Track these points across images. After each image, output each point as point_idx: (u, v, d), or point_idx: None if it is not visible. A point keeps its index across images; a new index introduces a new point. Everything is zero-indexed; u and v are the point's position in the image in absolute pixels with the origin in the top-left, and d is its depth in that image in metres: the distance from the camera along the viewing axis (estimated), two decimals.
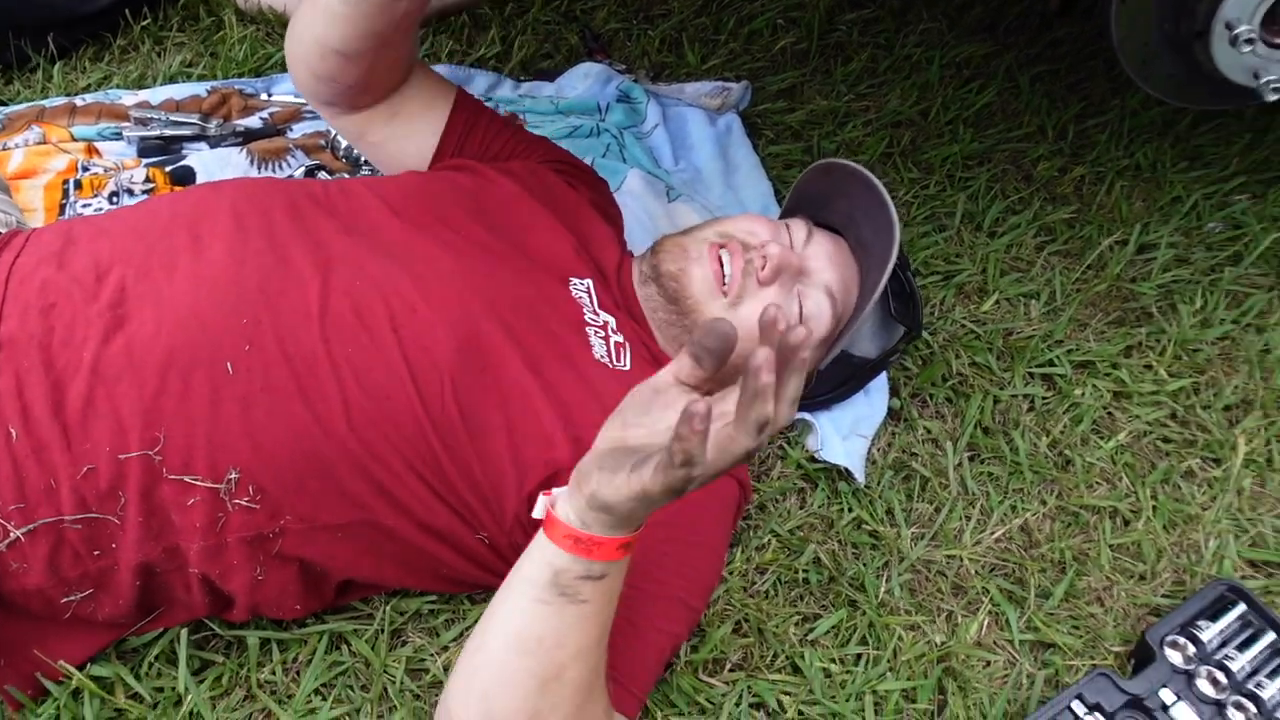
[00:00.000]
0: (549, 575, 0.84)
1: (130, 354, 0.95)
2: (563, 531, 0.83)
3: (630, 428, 0.80)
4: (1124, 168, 1.82)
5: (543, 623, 0.85)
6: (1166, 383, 1.49)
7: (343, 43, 1.14)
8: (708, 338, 0.76)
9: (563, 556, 0.83)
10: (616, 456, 0.79)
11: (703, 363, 0.78)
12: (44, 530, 0.93)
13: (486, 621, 0.89)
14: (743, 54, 1.91)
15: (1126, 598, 1.25)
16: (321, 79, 1.20)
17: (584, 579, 0.84)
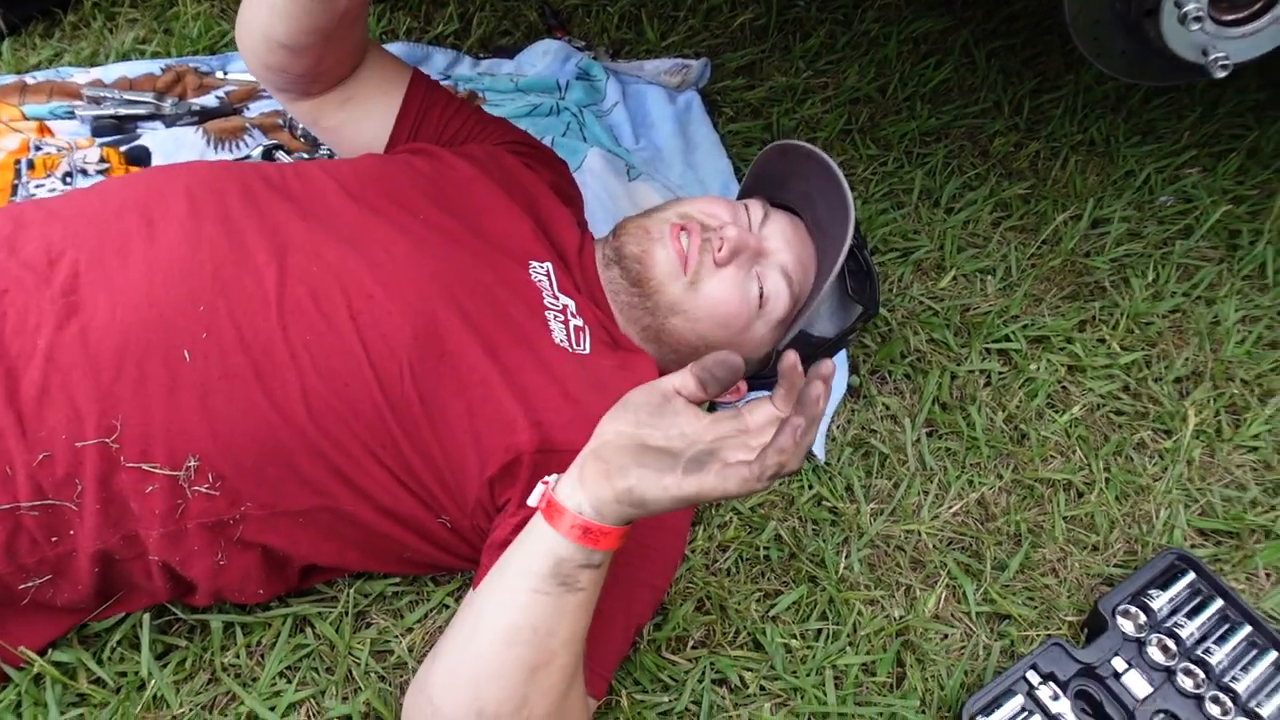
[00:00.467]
0: (550, 565, 0.85)
1: (85, 341, 0.94)
2: (571, 521, 0.83)
3: (644, 428, 0.83)
4: (1078, 143, 1.85)
5: (538, 612, 0.86)
6: (1119, 356, 1.52)
7: (288, 37, 1.14)
8: (719, 369, 0.81)
9: (568, 546, 0.84)
10: (653, 455, 0.81)
11: (708, 388, 0.83)
12: (1, 517, 0.93)
13: (476, 611, 0.90)
14: (702, 30, 1.91)
15: (1080, 568, 1.28)
16: (271, 69, 1.20)
17: (584, 567, 0.85)
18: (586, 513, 0.83)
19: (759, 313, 1.21)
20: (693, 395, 0.84)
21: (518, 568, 0.87)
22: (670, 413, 0.84)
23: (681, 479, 0.79)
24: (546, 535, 0.85)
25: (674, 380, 0.85)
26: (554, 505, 0.85)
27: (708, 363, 0.83)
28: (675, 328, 1.20)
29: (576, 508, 0.84)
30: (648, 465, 0.81)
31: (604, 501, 0.83)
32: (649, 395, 0.85)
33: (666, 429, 0.83)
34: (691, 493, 0.79)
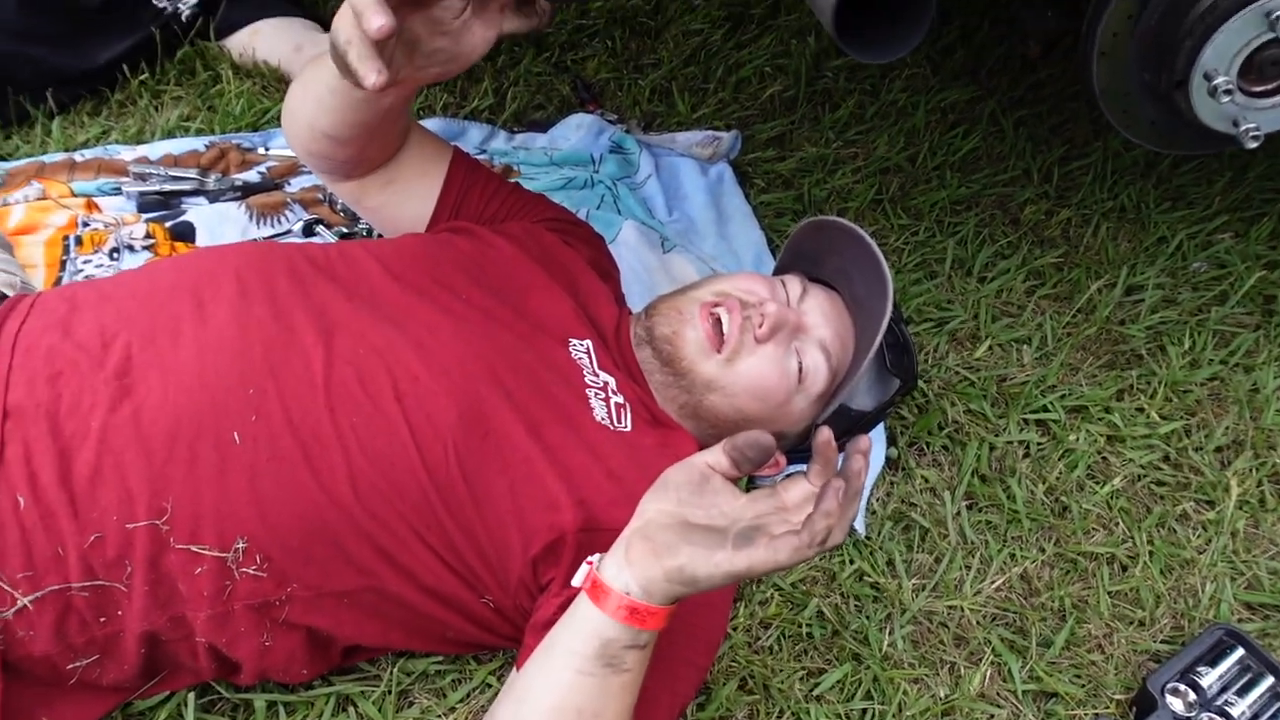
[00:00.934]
0: (596, 646, 0.85)
1: (137, 423, 0.95)
2: (618, 602, 0.84)
3: (686, 506, 0.84)
4: (1109, 209, 1.85)
5: (584, 694, 0.87)
6: (1158, 425, 1.51)
7: (332, 129, 1.16)
8: (751, 449, 0.84)
9: (614, 627, 0.85)
10: (701, 534, 0.82)
11: (740, 467, 0.85)
12: (51, 597, 0.94)
13: (520, 692, 0.90)
14: (732, 103, 1.94)
15: (1127, 644, 1.26)
16: (315, 155, 1.23)
17: (630, 648, 0.86)
18: (634, 592, 0.84)
19: (798, 388, 1.22)
20: (727, 473, 0.86)
21: (563, 648, 0.87)
22: (710, 491, 0.85)
23: (733, 554, 0.80)
24: (592, 616, 0.86)
25: (708, 457, 0.87)
26: (599, 585, 0.85)
27: (739, 442, 0.85)
28: (713, 404, 1.21)
29: (624, 588, 0.84)
30: (697, 543, 0.82)
31: (653, 581, 0.83)
32: (687, 474, 0.86)
33: (708, 507, 0.85)
34: (743, 567, 0.80)
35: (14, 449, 0.94)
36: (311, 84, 1.14)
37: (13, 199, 1.52)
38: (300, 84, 1.18)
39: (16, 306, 1.07)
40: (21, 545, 0.92)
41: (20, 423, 0.95)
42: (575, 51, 1.98)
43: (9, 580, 0.92)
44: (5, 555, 0.92)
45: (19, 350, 1.00)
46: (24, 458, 0.94)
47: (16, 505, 0.93)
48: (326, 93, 1.12)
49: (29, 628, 0.94)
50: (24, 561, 0.92)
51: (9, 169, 1.57)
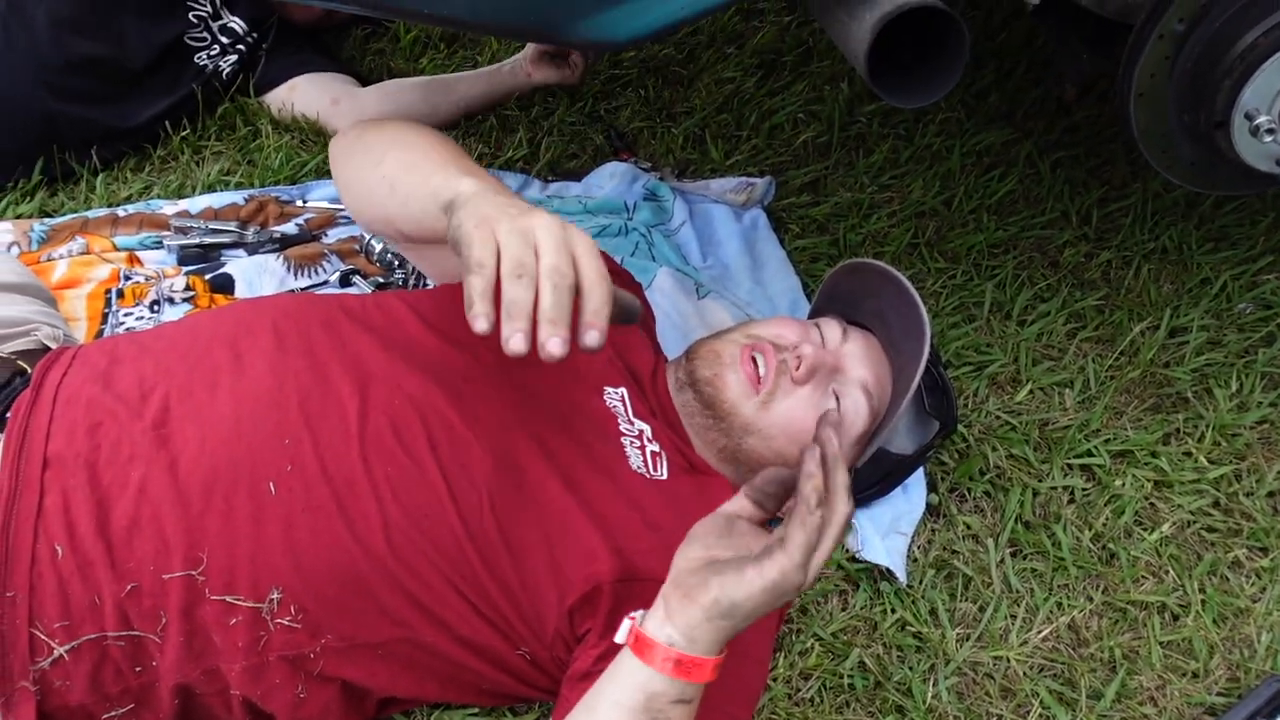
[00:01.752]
0: (641, 700, 0.84)
1: (175, 474, 0.96)
2: (663, 655, 0.83)
3: (713, 550, 0.85)
4: (1150, 251, 1.83)
5: None
6: (1207, 470, 1.48)
7: (409, 229, 1.09)
8: (769, 485, 0.85)
9: (660, 680, 0.84)
10: (726, 564, 0.83)
11: (764, 506, 0.86)
12: (87, 646, 0.94)
13: None
14: (765, 149, 1.94)
15: (1180, 697, 1.22)
16: (377, 233, 1.24)
17: (676, 703, 0.85)
18: (679, 644, 0.83)
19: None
20: (753, 517, 0.87)
21: (609, 701, 0.86)
22: (736, 534, 0.86)
23: (762, 566, 0.81)
24: (637, 670, 0.85)
25: (731, 506, 0.87)
26: (643, 640, 0.85)
27: (756, 483, 0.86)
28: (752, 448, 1.19)
29: (668, 640, 0.84)
30: (724, 571, 0.82)
31: (694, 625, 0.83)
32: (713, 522, 0.87)
33: (736, 548, 0.85)
34: (775, 574, 0.80)
35: (53, 499, 0.95)
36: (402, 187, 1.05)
37: (57, 254, 1.55)
38: (385, 182, 1.07)
39: (59, 358, 1.08)
40: (59, 595, 0.93)
41: (59, 472, 0.96)
42: (608, 101, 2.00)
43: (46, 630, 0.92)
44: (42, 605, 0.92)
45: (60, 401, 1.02)
46: (63, 507, 0.95)
47: (54, 555, 0.93)
48: (420, 213, 1.02)
49: (65, 677, 0.94)
50: (61, 611, 0.93)
51: (54, 225, 1.60)
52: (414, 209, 1.02)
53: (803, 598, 1.26)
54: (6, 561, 0.93)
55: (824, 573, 1.29)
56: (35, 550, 0.93)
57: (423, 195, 0.99)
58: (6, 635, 0.92)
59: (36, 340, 1.20)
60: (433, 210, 0.97)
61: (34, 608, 0.93)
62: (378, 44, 2.06)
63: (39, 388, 1.03)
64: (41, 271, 1.50)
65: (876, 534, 1.32)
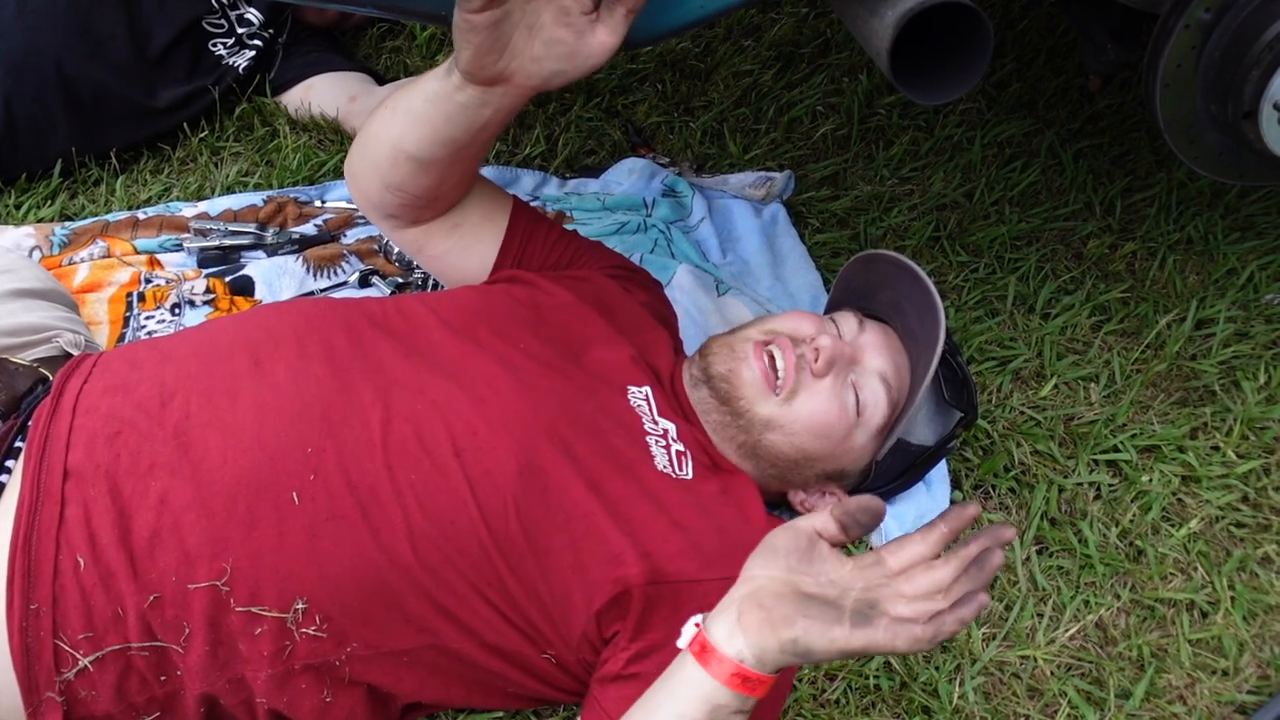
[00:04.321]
0: (706, 711, 0.84)
1: (197, 483, 0.96)
2: (730, 669, 0.82)
3: (796, 574, 0.84)
4: (1175, 242, 1.81)
5: None
6: (1236, 464, 1.46)
7: (419, 146, 1.12)
8: (862, 514, 0.83)
9: (725, 693, 0.83)
10: (818, 607, 0.81)
11: (849, 532, 0.84)
12: (112, 657, 0.94)
13: None
14: (784, 143, 1.93)
15: (1210, 695, 1.21)
16: (390, 188, 1.18)
17: (738, 714, 0.84)
18: (748, 661, 0.82)
19: (858, 421, 1.20)
20: (834, 539, 0.85)
21: (670, 711, 0.85)
22: (818, 558, 0.85)
23: (850, 632, 0.80)
24: (702, 681, 0.84)
25: (815, 522, 0.86)
26: (710, 650, 0.83)
27: (850, 507, 0.84)
28: (773, 443, 1.19)
29: (737, 655, 0.82)
30: (814, 616, 0.81)
31: (767, 651, 0.82)
32: (795, 539, 0.85)
33: (817, 574, 0.84)
34: (859, 647, 0.80)
35: (74, 510, 0.95)
36: (404, 99, 1.11)
37: (79, 257, 1.55)
38: (385, 108, 1.15)
39: (80, 366, 1.08)
40: (82, 606, 0.93)
41: (80, 484, 0.96)
42: (626, 96, 1.99)
43: (70, 642, 0.93)
44: (66, 616, 0.93)
45: (80, 410, 1.02)
46: (84, 519, 0.95)
47: (77, 566, 0.93)
48: (423, 102, 1.08)
49: (90, 688, 0.95)
50: (84, 623, 0.93)
51: (75, 228, 1.61)
52: (408, 103, 1.11)
53: None
54: (29, 574, 0.93)
55: None
56: (58, 562, 0.93)
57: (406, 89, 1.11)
58: (32, 647, 0.93)
59: (58, 347, 1.21)
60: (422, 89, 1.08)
61: (58, 619, 0.93)
62: (394, 42, 2.06)
63: (59, 396, 1.03)
64: (63, 275, 1.50)
65: (900, 531, 1.31)
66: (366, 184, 1.22)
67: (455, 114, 1.07)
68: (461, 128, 1.09)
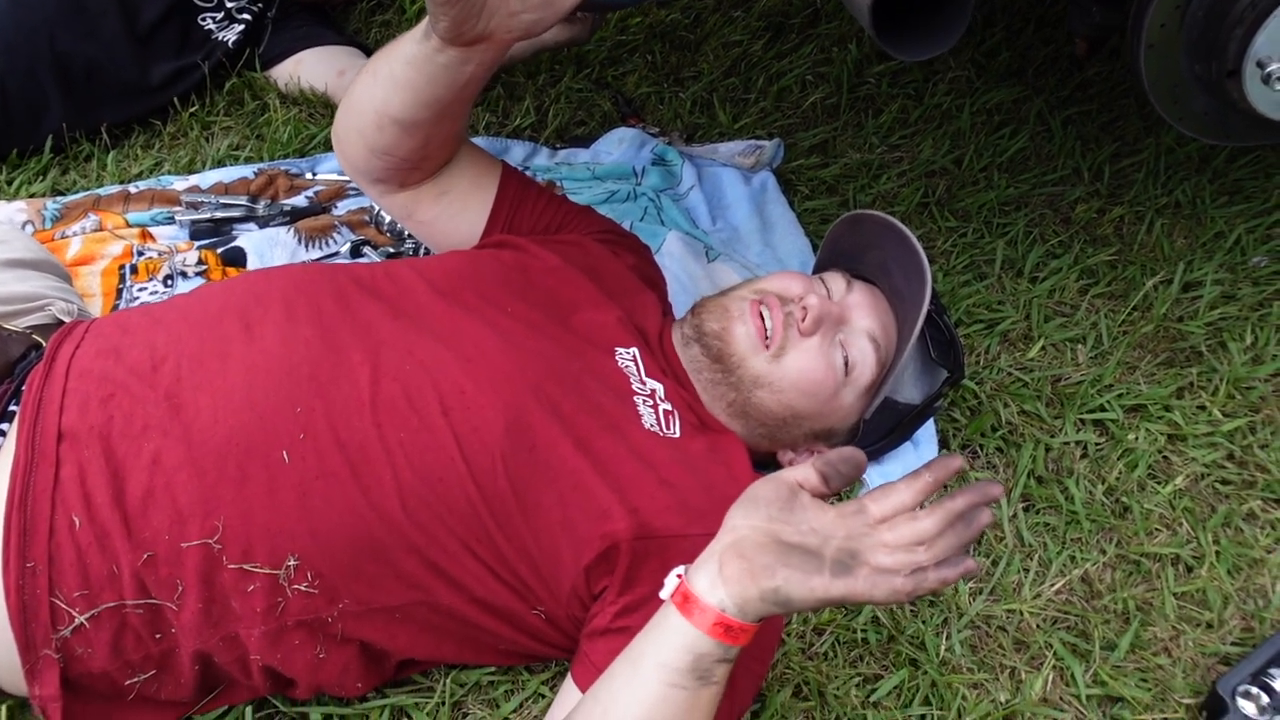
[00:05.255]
0: (689, 660, 0.85)
1: (188, 444, 0.97)
2: (713, 619, 0.83)
3: (777, 524, 0.84)
4: (1163, 206, 1.82)
5: (674, 706, 0.86)
6: (1221, 423, 1.47)
7: (404, 110, 1.13)
8: (844, 465, 0.84)
9: (707, 642, 0.84)
10: (798, 556, 0.82)
11: (830, 483, 0.84)
12: (107, 615, 0.95)
13: (606, 702, 0.89)
14: (774, 111, 1.93)
15: (1194, 647, 1.23)
16: (376, 152, 1.20)
17: (721, 662, 0.85)
18: (730, 610, 0.83)
19: (846, 380, 1.21)
20: (815, 490, 0.86)
21: (653, 660, 0.86)
22: (799, 507, 0.85)
23: (830, 581, 0.81)
24: (684, 630, 0.85)
25: (796, 474, 0.86)
26: (693, 600, 0.84)
27: (832, 458, 0.85)
28: (761, 401, 1.20)
29: (719, 604, 0.83)
30: (794, 565, 0.81)
31: (748, 601, 0.83)
32: (776, 490, 0.86)
33: (798, 524, 0.84)
34: (839, 596, 0.81)
35: (69, 470, 0.96)
36: (384, 64, 1.12)
37: (71, 231, 1.56)
38: (367, 73, 1.16)
39: (72, 332, 1.09)
40: (77, 564, 0.94)
41: (74, 445, 0.97)
42: (615, 67, 1.99)
43: (66, 599, 0.94)
44: (62, 574, 0.94)
45: (72, 374, 1.02)
46: (78, 479, 0.96)
47: (72, 526, 0.94)
48: (403, 66, 1.09)
49: (87, 645, 0.96)
50: (80, 581, 0.94)
51: (67, 202, 1.61)
52: (389, 67, 1.11)
53: None
54: (25, 533, 0.94)
55: None
56: (53, 521, 0.94)
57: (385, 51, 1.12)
58: (28, 605, 0.94)
59: (51, 315, 1.22)
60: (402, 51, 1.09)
61: (54, 578, 0.94)
62: (383, 16, 2.06)
63: (52, 361, 1.04)
64: (56, 249, 1.51)
65: None
66: (353, 151, 1.23)
67: (437, 75, 1.08)
68: (444, 86, 1.09)
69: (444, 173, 1.27)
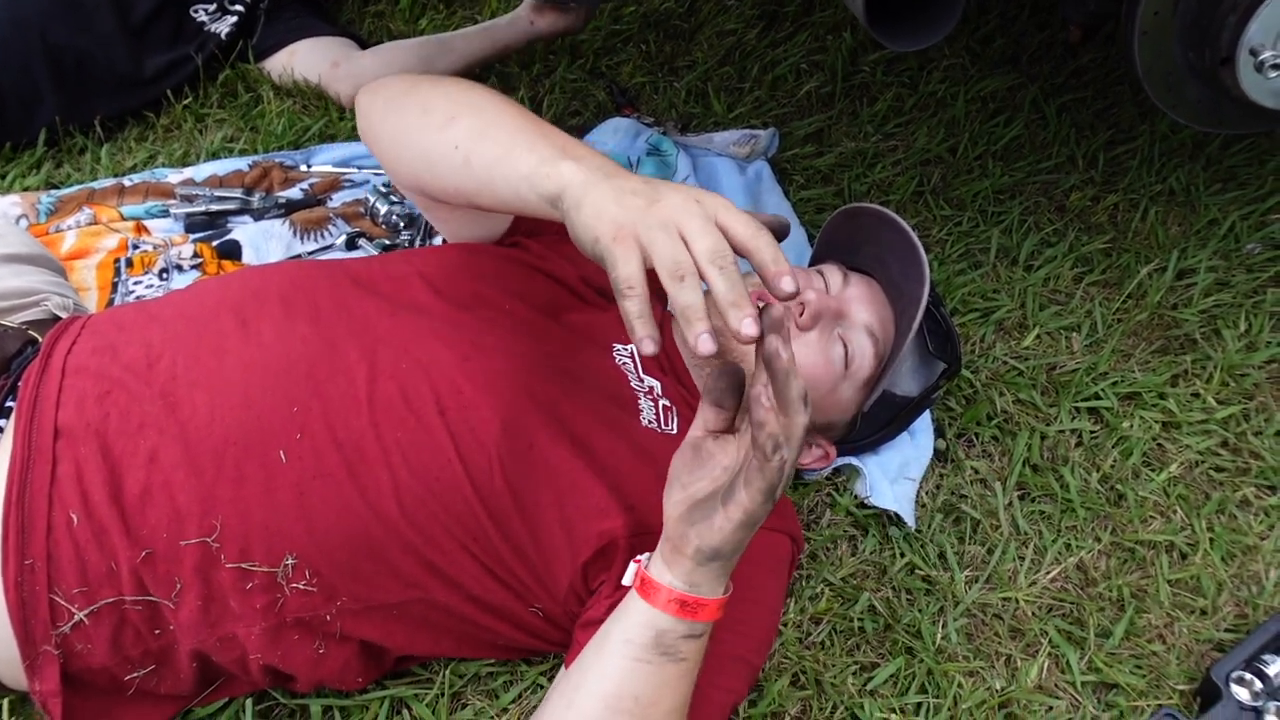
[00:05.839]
0: (651, 636, 0.87)
1: (185, 441, 0.97)
2: (667, 596, 0.86)
3: (690, 487, 0.86)
4: (1157, 193, 1.82)
5: (641, 681, 0.88)
6: (1215, 410, 1.48)
7: (439, 194, 1.03)
8: (720, 379, 0.84)
9: (666, 619, 0.87)
10: (699, 509, 0.84)
11: (724, 403, 0.84)
12: (106, 611, 0.95)
13: (576, 680, 0.91)
14: (768, 101, 1.93)
15: (1189, 634, 1.23)
16: (407, 188, 1.15)
17: (687, 638, 0.87)
18: (679, 586, 0.86)
19: (844, 374, 1.21)
20: (716, 424, 0.86)
21: (619, 638, 0.89)
22: (705, 457, 0.86)
23: (725, 512, 0.82)
24: (644, 609, 0.88)
25: (694, 428, 0.87)
26: (649, 582, 0.88)
27: (707, 384, 0.85)
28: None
29: (669, 584, 0.87)
30: (697, 520, 0.84)
31: (690, 571, 0.86)
32: (681, 456, 0.88)
33: (710, 472, 0.86)
34: (740, 516, 0.81)
35: (66, 467, 0.96)
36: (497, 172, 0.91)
37: (65, 225, 1.55)
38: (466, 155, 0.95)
39: (68, 328, 1.09)
40: (76, 561, 0.94)
41: (71, 442, 0.97)
42: (610, 57, 1.99)
43: (65, 596, 0.94)
44: (60, 571, 0.94)
45: (69, 371, 1.02)
46: (75, 476, 0.96)
47: (70, 522, 0.94)
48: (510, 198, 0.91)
49: (86, 641, 0.96)
50: (78, 577, 0.94)
51: (61, 196, 1.61)
52: (502, 191, 0.91)
53: (812, 544, 1.27)
54: (23, 530, 0.94)
55: (833, 520, 1.30)
56: (51, 518, 0.94)
57: (514, 179, 0.89)
58: (28, 601, 0.94)
59: (47, 310, 1.21)
60: (531, 199, 0.87)
61: (52, 574, 0.94)
62: (376, 6, 2.05)
63: (48, 357, 1.04)
64: (50, 243, 1.51)
65: (885, 480, 1.32)
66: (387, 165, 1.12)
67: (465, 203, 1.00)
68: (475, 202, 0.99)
69: None
